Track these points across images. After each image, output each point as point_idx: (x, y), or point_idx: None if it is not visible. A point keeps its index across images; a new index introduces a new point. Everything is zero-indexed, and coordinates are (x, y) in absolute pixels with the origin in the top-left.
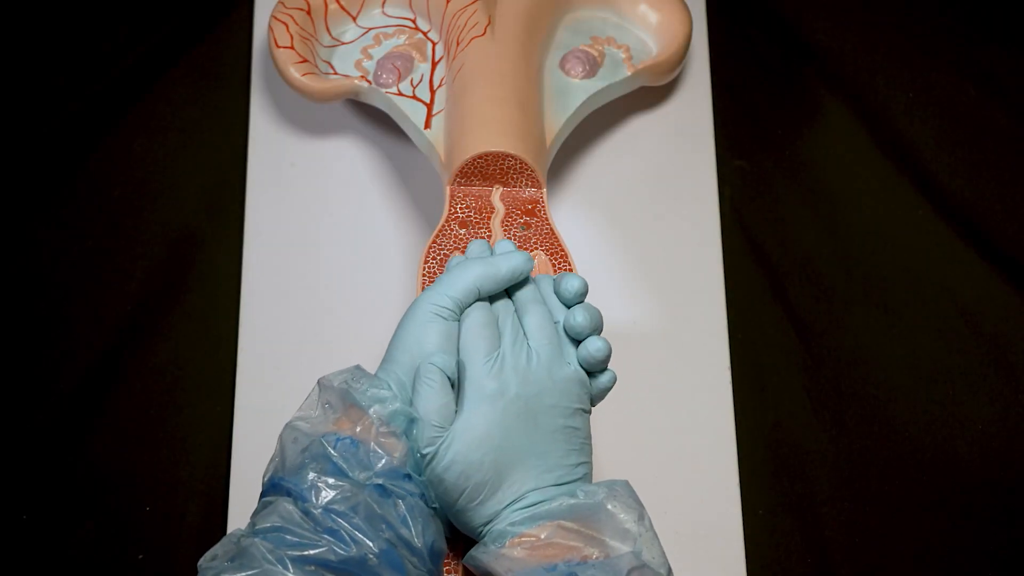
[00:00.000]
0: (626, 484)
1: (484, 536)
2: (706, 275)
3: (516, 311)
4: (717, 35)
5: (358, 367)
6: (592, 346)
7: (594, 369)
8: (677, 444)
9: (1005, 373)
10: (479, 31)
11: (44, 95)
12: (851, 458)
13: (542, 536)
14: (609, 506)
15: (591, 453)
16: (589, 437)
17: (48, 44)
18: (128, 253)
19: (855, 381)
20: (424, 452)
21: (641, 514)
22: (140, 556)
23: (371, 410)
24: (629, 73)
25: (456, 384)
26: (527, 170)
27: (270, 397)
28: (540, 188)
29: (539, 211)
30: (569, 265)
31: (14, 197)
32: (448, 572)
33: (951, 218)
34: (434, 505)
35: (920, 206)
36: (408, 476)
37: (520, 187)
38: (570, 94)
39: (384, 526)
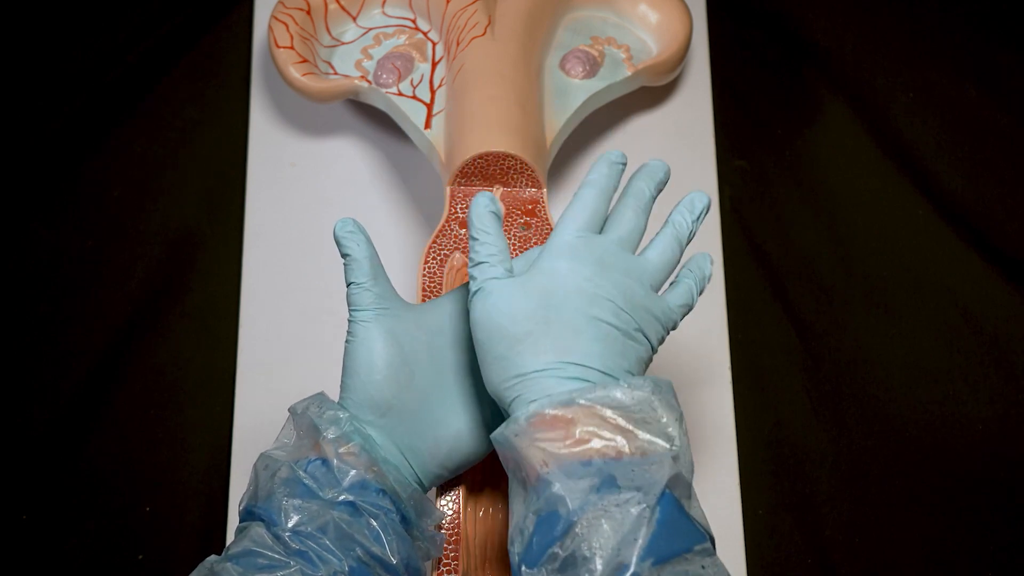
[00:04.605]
0: (670, 384)
1: (513, 403)
2: None
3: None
4: (717, 35)
5: (321, 394)
6: (706, 265)
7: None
8: None
9: (1005, 373)
10: (479, 31)
11: (45, 95)
12: (851, 458)
13: (579, 422)
14: (655, 400)
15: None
16: (644, 364)
17: (49, 44)
18: (128, 253)
19: (855, 381)
20: (480, 288)
21: (680, 416)
22: (140, 556)
23: (328, 431)
24: (629, 73)
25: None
26: (527, 170)
27: (270, 397)
28: (540, 188)
29: (539, 211)
30: None
31: (14, 197)
32: (448, 573)
33: (951, 218)
34: (409, 515)
35: (920, 206)
36: (382, 491)
37: (520, 187)
38: (570, 94)
39: (355, 544)
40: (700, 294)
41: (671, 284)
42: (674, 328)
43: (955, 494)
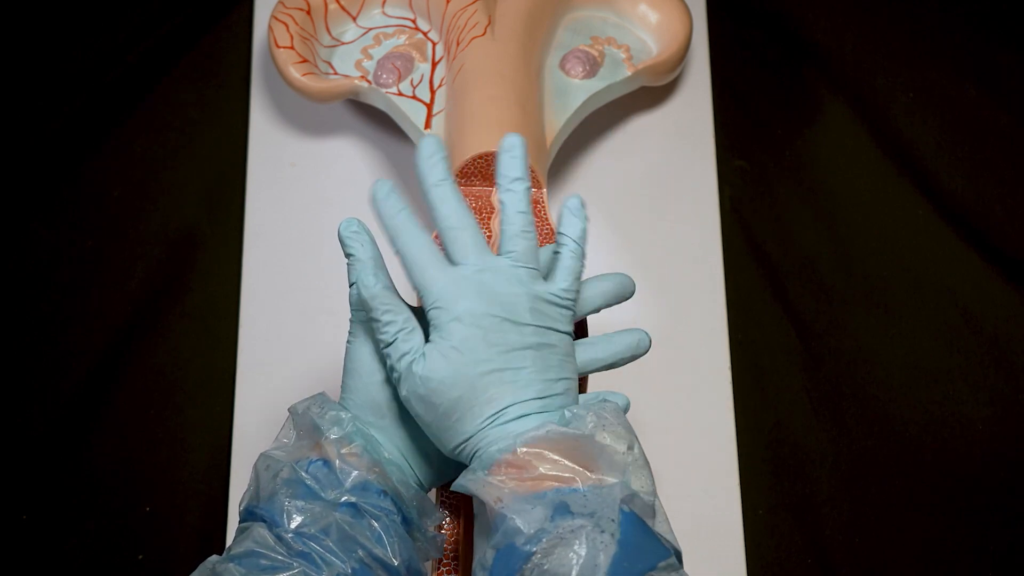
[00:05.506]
0: (616, 408)
1: (471, 459)
2: (706, 275)
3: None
4: (717, 35)
5: (322, 394)
6: (573, 213)
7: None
8: (677, 444)
9: (1005, 373)
10: (479, 31)
11: (45, 95)
12: (851, 458)
13: (528, 466)
14: (598, 438)
15: (575, 371)
16: (570, 355)
17: (49, 44)
18: (128, 253)
19: (855, 381)
20: (396, 368)
21: (631, 443)
22: (140, 556)
23: (331, 432)
24: (629, 73)
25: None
26: None
27: (270, 397)
28: (540, 188)
29: (539, 211)
30: None
31: (14, 197)
32: (448, 572)
33: (951, 218)
34: (411, 515)
35: (920, 206)
36: (383, 493)
37: None
38: (570, 94)
39: (357, 546)
40: (584, 249)
41: (555, 263)
42: (576, 304)
43: (955, 494)
